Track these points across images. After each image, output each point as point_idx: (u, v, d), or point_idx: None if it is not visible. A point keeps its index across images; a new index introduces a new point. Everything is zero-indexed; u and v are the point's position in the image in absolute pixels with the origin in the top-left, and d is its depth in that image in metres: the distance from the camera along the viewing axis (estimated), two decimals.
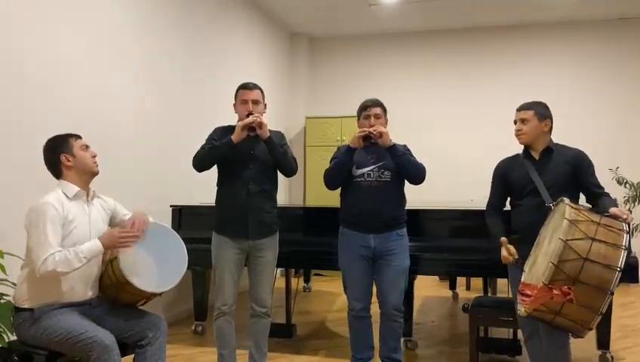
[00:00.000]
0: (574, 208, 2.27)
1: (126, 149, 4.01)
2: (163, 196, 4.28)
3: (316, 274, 6.37)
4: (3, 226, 2.82)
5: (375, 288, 3.11)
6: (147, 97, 4.29)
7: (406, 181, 3.10)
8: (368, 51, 7.39)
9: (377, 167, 3.05)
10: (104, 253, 2.41)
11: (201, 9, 5.08)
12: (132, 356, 2.43)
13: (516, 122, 2.81)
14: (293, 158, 3.08)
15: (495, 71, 6.98)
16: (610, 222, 2.24)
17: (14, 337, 2.35)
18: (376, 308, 3.11)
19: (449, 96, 7.06)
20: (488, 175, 2.97)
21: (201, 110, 4.99)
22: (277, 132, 3.12)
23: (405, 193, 3.17)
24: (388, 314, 3.06)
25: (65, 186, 2.38)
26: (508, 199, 2.91)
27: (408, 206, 3.21)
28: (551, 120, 2.78)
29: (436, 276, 6.09)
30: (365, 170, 3.06)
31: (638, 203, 5.74)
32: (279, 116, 6.76)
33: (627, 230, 2.20)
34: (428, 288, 5.90)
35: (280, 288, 4.02)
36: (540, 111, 2.76)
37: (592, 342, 3.43)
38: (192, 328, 4.20)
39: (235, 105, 3.06)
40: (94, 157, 2.47)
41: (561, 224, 2.19)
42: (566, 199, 2.36)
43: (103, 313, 2.43)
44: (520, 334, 2.99)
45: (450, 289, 5.64)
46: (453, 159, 6.70)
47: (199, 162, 2.96)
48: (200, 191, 4.28)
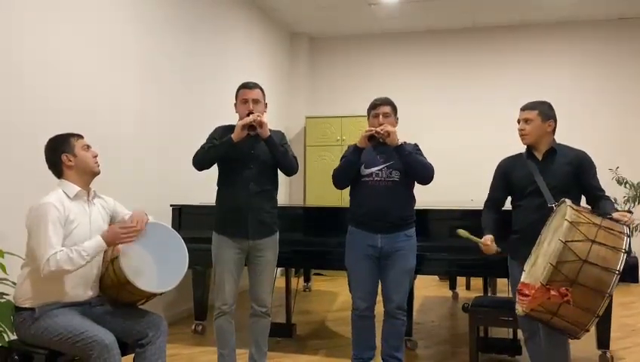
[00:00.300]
0: (575, 210, 2.27)
1: (126, 149, 4.01)
2: (163, 196, 4.28)
3: (316, 273, 6.36)
4: (3, 226, 2.82)
5: (380, 287, 3.11)
6: (147, 97, 4.29)
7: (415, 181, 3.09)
8: (368, 51, 7.39)
9: (386, 167, 3.03)
10: (105, 252, 2.42)
11: (201, 9, 5.08)
12: (132, 355, 2.43)
13: (520, 122, 2.79)
14: (293, 157, 3.08)
15: (495, 71, 6.98)
16: (611, 225, 2.23)
17: (14, 336, 2.36)
18: (379, 308, 3.11)
19: (449, 96, 7.06)
20: (488, 175, 2.97)
21: (201, 110, 4.99)
22: (277, 131, 3.11)
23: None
24: (391, 313, 3.06)
25: (66, 186, 2.39)
26: (509, 199, 2.91)
27: None
28: (555, 120, 2.76)
29: (436, 276, 6.09)
30: (374, 170, 3.04)
31: (638, 203, 5.74)
32: (279, 116, 6.75)
33: (628, 233, 2.19)
34: (428, 288, 5.90)
35: (280, 288, 4.02)
36: (544, 111, 2.73)
37: (592, 342, 3.43)
38: (192, 327, 4.20)
39: (236, 104, 3.06)
40: (95, 157, 2.47)
41: (561, 225, 2.19)
42: (568, 200, 2.35)
43: (103, 312, 2.43)
44: (520, 334, 3.00)
45: (450, 289, 5.65)
46: (453, 159, 6.67)
47: (199, 161, 2.96)
48: (200, 190, 4.28)
